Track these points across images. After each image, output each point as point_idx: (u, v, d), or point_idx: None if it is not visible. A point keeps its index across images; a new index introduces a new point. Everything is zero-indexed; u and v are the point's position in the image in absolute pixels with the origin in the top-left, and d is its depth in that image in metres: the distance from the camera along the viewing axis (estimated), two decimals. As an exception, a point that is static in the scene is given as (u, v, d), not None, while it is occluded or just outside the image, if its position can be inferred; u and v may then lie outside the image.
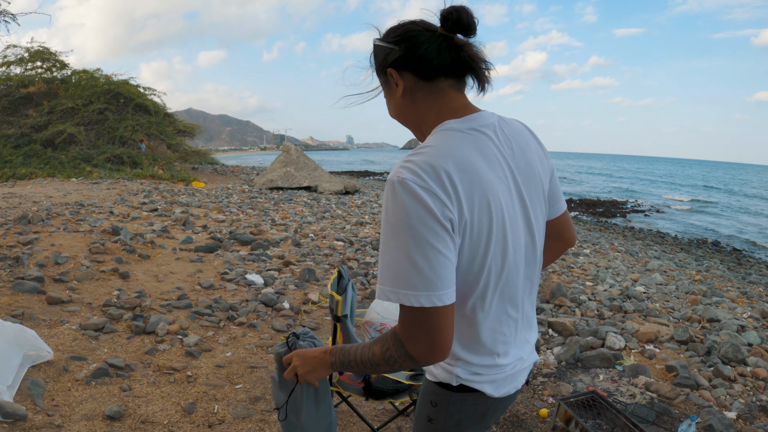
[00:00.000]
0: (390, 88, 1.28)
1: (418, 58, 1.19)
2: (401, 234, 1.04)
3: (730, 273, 11.57)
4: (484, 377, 1.26)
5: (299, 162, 18.48)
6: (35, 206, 8.03)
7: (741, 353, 4.16)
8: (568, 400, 3.09)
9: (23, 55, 21.29)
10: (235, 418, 2.89)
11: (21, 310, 3.80)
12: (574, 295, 5.74)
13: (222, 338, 3.92)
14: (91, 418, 2.70)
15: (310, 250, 6.94)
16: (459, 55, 1.19)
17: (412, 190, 1.03)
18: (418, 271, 1.04)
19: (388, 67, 1.23)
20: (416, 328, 1.08)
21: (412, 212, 1.03)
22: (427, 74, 1.21)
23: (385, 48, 1.23)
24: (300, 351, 1.41)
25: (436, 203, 1.04)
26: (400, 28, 1.23)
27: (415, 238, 1.03)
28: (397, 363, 1.15)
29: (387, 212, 1.07)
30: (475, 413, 1.31)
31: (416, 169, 1.06)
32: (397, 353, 1.13)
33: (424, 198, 1.03)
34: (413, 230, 1.03)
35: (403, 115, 1.31)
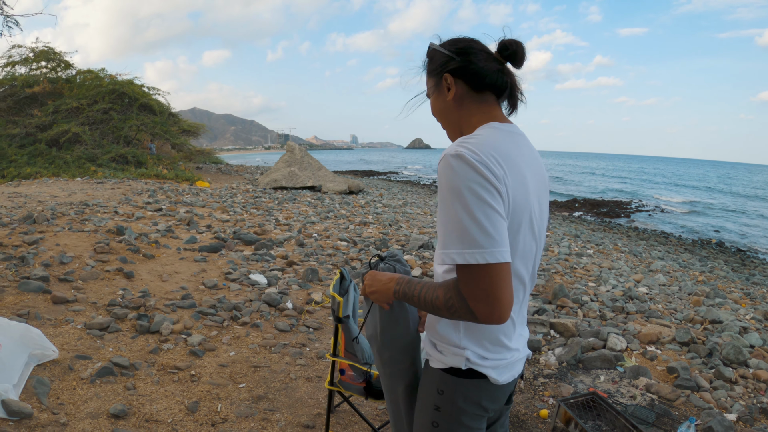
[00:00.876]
0: (440, 90, 1.44)
1: (474, 72, 1.38)
2: (463, 198, 1.16)
3: (734, 274, 11.55)
4: (489, 362, 1.37)
5: (303, 162, 18.51)
6: (40, 206, 8.08)
7: (742, 355, 4.16)
8: (568, 401, 3.11)
9: (28, 55, 21.36)
10: (238, 417, 2.91)
11: (26, 310, 3.83)
12: (576, 296, 5.75)
13: (225, 338, 3.95)
14: (95, 416, 2.73)
15: (314, 250, 6.97)
16: (506, 80, 1.40)
17: (469, 160, 1.17)
18: (481, 229, 1.15)
19: (445, 72, 1.40)
20: (479, 285, 1.16)
21: (472, 177, 1.16)
22: (478, 86, 1.39)
23: (446, 55, 1.40)
24: (374, 272, 1.53)
25: (489, 172, 1.18)
26: (463, 42, 1.41)
27: (477, 199, 1.15)
28: (457, 313, 1.22)
29: (447, 180, 1.19)
30: (479, 399, 1.40)
31: (470, 146, 1.21)
32: (459, 304, 1.21)
33: (479, 167, 1.17)
34: (474, 192, 1.16)
35: (446, 116, 1.46)
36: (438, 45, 1.44)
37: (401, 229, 9.67)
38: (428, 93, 1.50)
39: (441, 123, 1.50)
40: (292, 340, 4.06)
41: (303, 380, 3.44)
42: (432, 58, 1.46)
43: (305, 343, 4.05)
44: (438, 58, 1.42)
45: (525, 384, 3.66)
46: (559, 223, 17.26)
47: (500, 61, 1.40)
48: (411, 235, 8.46)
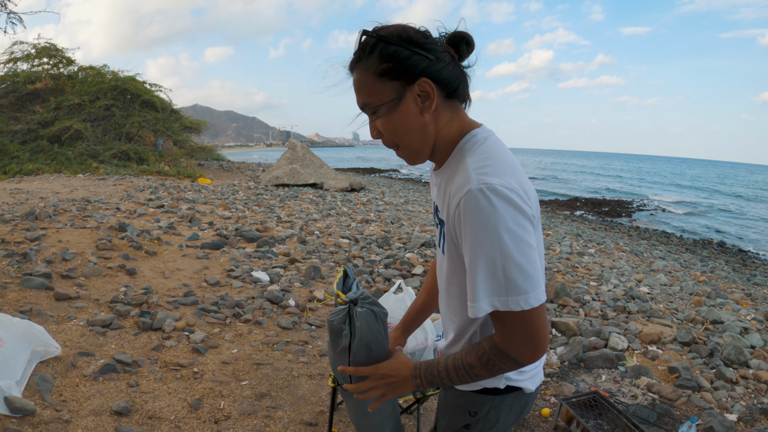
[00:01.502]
0: (404, 102, 1.15)
1: (448, 75, 1.17)
2: (503, 241, 1.03)
3: (735, 274, 11.54)
4: (526, 374, 1.33)
5: (305, 159, 18.51)
6: (42, 202, 8.08)
7: (743, 355, 4.17)
8: (570, 400, 3.11)
9: (30, 52, 21.36)
10: (241, 414, 2.92)
11: (29, 306, 3.84)
12: (578, 295, 5.75)
13: (228, 335, 3.96)
14: (98, 413, 2.73)
15: (316, 247, 6.97)
16: (461, 85, 1.21)
17: (506, 195, 1.04)
18: (523, 273, 1.04)
19: (422, 76, 1.14)
20: (522, 331, 1.08)
21: (510, 215, 1.03)
22: (452, 93, 1.20)
23: (413, 53, 1.13)
24: (379, 371, 1.36)
25: (524, 204, 1.06)
26: (428, 35, 1.16)
27: (517, 240, 1.03)
28: (499, 369, 1.15)
29: (482, 221, 1.04)
30: (513, 412, 1.37)
31: (498, 175, 1.07)
32: (500, 358, 1.13)
33: (517, 201, 1.05)
34: (514, 233, 1.03)
35: (417, 133, 1.19)
36: (384, 34, 1.13)
37: (403, 227, 9.67)
38: (374, 105, 1.17)
39: (401, 142, 1.21)
40: (295, 338, 4.06)
41: (306, 378, 3.44)
42: (387, 56, 1.13)
43: (308, 340, 4.06)
44: (401, 57, 1.12)
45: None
46: (561, 222, 17.26)
47: (453, 56, 1.19)
48: (413, 233, 8.46)
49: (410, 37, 1.13)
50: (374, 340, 1.44)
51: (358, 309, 1.45)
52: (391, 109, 1.15)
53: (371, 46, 1.14)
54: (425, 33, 1.16)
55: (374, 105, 1.17)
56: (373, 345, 1.43)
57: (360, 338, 1.42)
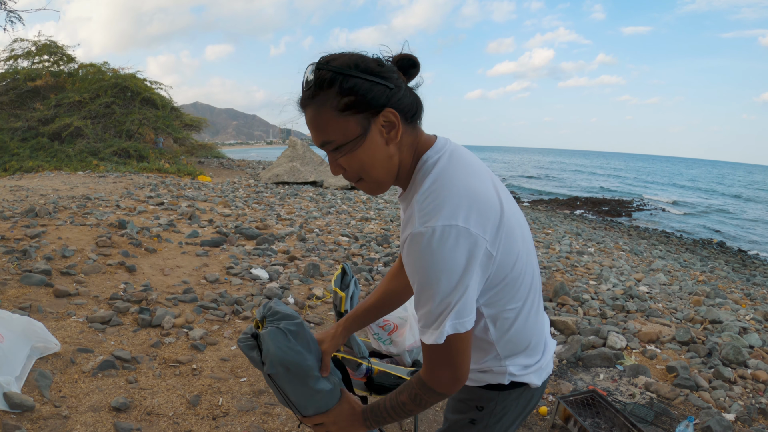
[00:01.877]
0: (370, 136, 1.11)
1: (407, 101, 1.15)
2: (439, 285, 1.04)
3: (735, 274, 11.55)
4: (531, 369, 1.34)
5: (305, 157, 18.52)
6: (42, 199, 8.09)
7: (742, 355, 4.17)
8: (567, 398, 3.12)
9: (30, 49, 21.38)
10: (239, 411, 2.93)
11: (28, 303, 3.85)
12: (577, 294, 5.76)
13: (227, 332, 3.97)
14: (97, 409, 2.74)
15: (315, 245, 6.98)
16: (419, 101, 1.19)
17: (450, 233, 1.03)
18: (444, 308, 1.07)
19: (387, 108, 1.10)
20: (441, 362, 1.13)
21: (451, 258, 1.03)
22: (411, 117, 1.17)
23: (377, 84, 1.09)
24: (329, 419, 1.38)
25: (470, 242, 1.04)
26: (369, 64, 1.10)
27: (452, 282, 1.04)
28: (426, 402, 1.20)
29: (421, 266, 1.05)
30: (519, 406, 1.38)
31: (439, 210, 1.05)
32: (424, 392, 1.18)
33: (460, 241, 1.03)
34: (451, 275, 1.04)
35: (383, 164, 1.16)
36: (354, 69, 1.08)
37: (402, 226, 9.67)
38: (338, 143, 1.11)
39: (367, 176, 1.16)
40: (293, 335, 4.06)
41: (304, 375, 3.45)
42: (348, 89, 1.07)
43: (306, 338, 4.06)
44: (363, 89, 1.07)
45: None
46: (561, 221, 17.27)
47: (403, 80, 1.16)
48: (412, 232, 8.46)
49: (368, 67, 1.09)
50: (290, 359, 1.34)
51: (262, 332, 1.36)
52: (356, 145, 1.10)
53: (329, 80, 1.07)
54: (379, 61, 1.12)
55: (338, 143, 1.11)
56: (290, 365, 1.34)
57: (272, 364, 1.33)
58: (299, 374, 1.35)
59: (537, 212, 20.57)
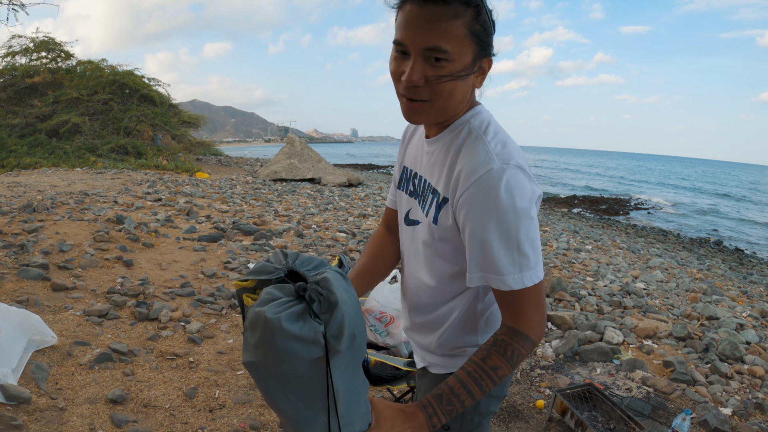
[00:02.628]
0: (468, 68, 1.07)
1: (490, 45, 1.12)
2: (520, 219, 1.03)
3: (732, 272, 11.57)
4: None
5: (303, 154, 18.50)
6: (40, 195, 8.08)
7: (739, 351, 4.19)
8: (564, 391, 3.13)
9: (28, 46, 21.31)
10: (236, 404, 2.93)
11: (26, 296, 3.84)
12: (574, 290, 5.77)
13: (224, 325, 3.97)
14: (94, 401, 2.74)
15: (313, 241, 6.98)
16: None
17: (524, 176, 1.06)
18: (534, 248, 1.07)
19: (490, 56, 1.11)
20: (542, 307, 1.10)
21: (527, 195, 1.05)
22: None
23: (488, 29, 1.07)
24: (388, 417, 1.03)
25: (532, 187, 1.08)
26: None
27: (530, 220, 1.05)
28: (519, 354, 1.09)
29: (504, 206, 1.02)
30: (497, 392, 1.34)
31: (518, 155, 1.09)
32: (519, 342, 1.08)
33: (531, 181, 1.08)
34: (528, 213, 1.05)
35: (460, 104, 1.14)
36: (488, 9, 1.06)
37: (400, 223, 9.68)
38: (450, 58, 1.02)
39: (442, 103, 1.09)
40: (291, 329, 4.07)
41: (301, 368, 3.45)
42: (483, 21, 1.04)
43: (303, 332, 4.06)
44: (489, 30, 1.06)
45: (522, 375, 3.68)
46: (558, 219, 17.27)
47: None
48: (410, 229, 8.47)
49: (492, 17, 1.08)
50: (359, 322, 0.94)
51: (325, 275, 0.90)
52: (462, 72, 1.06)
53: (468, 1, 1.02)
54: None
55: (449, 58, 1.03)
56: (357, 332, 0.93)
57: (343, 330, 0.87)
58: (360, 350, 0.97)
59: (535, 210, 20.57)
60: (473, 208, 1.06)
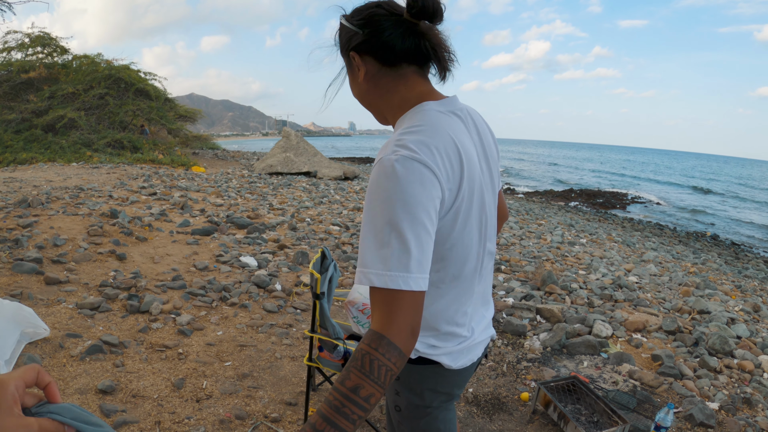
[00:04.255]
0: (353, 70, 1.24)
1: (381, 44, 1.16)
2: (395, 212, 0.97)
3: (727, 267, 11.60)
4: (441, 350, 1.26)
5: (299, 147, 18.50)
6: (35, 190, 8.09)
7: (729, 345, 4.20)
8: (548, 384, 3.15)
9: (24, 41, 21.26)
10: (223, 394, 2.97)
11: (20, 290, 3.87)
12: (565, 283, 5.79)
13: (214, 318, 4.00)
14: (84, 392, 2.78)
15: (306, 234, 7.01)
16: (422, 42, 1.16)
17: (411, 168, 0.99)
18: (409, 252, 0.97)
19: (350, 51, 1.20)
20: (400, 313, 0.97)
21: (409, 190, 0.98)
22: (389, 60, 1.18)
23: (349, 30, 1.19)
24: None
25: (432, 181, 1.01)
26: (365, 11, 1.17)
27: (410, 217, 0.98)
28: (383, 365, 0.94)
29: (379, 190, 0.99)
30: (436, 385, 1.32)
31: (412, 146, 1.02)
32: (384, 348, 0.95)
33: (422, 176, 1.00)
34: (409, 208, 0.98)
35: (364, 99, 1.27)
36: (343, 17, 1.22)
37: (395, 217, 9.70)
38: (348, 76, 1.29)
39: (365, 107, 1.30)
40: (280, 321, 4.11)
41: (288, 359, 3.49)
42: (341, 35, 1.24)
43: (292, 323, 4.10)
44: (344, 34, 1.22)
45: (507, 367, 3.71)
46: (555, 213, 17.31)
47: (412, 22, 1.14)
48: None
49: (350, 15, 1.21)
50: None
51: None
52: (347, 76, 1.30)
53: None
54: (367, 6, 1.19)
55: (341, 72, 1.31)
56: None
57: None
58: None
59: (531, 203, 20.61)
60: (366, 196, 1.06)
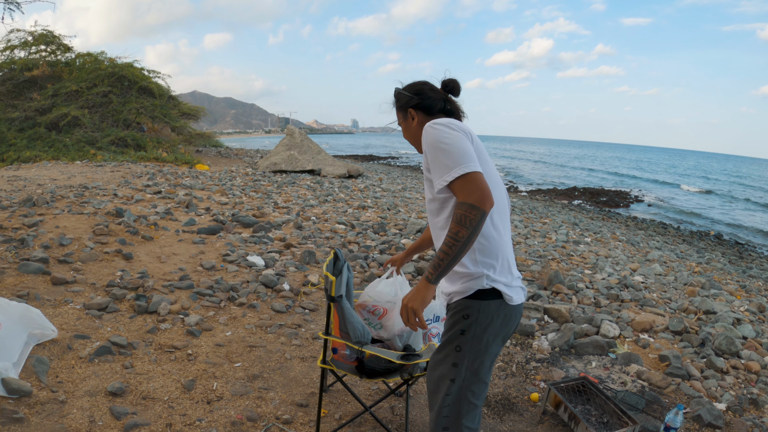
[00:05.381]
0: (407, 119, 2.08)
1: (427, 105, 2.03)
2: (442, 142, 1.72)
3: (731, 266, 11.57)
4: (502, 281, 1.80)
5: (303, 145, 18.48)
6: (40, 189, 8.09)
7: (735, 346, 4.20)
8: (558, 384, 3.15)
9: (27, 39, 21.23)
10: (233, 395, 2.97)
11: (26, 291, 3.87)
12: (571, 283, 5.78)
13: (222, 318, 4.00)
14: (93, 394, 2.78)
15: (312, 233, 7.00)
16: (449, 107, 2.06)
17: (439, 123, 1.79)
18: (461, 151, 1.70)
19: (409, 108, 2.05)
20: (473, 185, 1.64)
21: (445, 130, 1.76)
22: (431, 113, 2.04)
23: (408, 96, 2.04)
24: (407, 301, 1.73)
25: (456, 126, 1.79)
26: (417, 85, 2.06)
27: (451, 137, 1.73)
28: (468, 219, 1.61)
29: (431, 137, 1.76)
30: (498, 318, 1.80)
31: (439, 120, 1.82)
32: (466, 209, 1.62)
33: (450, 124, 1.79)
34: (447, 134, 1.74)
35: (414, 136, 2.08)
36: (401, 89, 2.07)
37: (399, 213, 9.70)
38: (399, 122, 2.12)
39: (409, 141, 2.11)
40: (288, 321, 4.11)
41: (298, 360, 3.49)
42: (398, 98, 2.09)
43: (301, 324, 4.10)
44: (403, 98, 2.06)
45: (517, 368, 3.71)
46: (558, 211, 17.28)
47: (444, 94, 2.05)
48: (409, 220, 8.49)
49: (410, 88, 2.07)
50: None
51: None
52: (401, 123, 2.13)
53: (395, 95, 2.12)
54: (422, 83, 2.07)
55: (398, 122, 2.15)
56: None
57: None
58: None
59: (535, 202, 20.57)
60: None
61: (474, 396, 1.86)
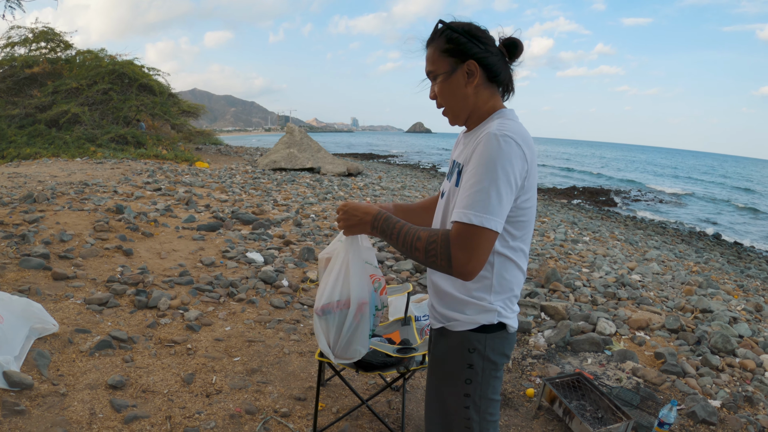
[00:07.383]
0: (457, 74, 1.51)
1: (492, 64, 1.50)
2: (497, 173, 1.33)
3: (729, 266, 11.58)
4: (510, 313, 1.57)
5: (303, 143, 18.51)
6: (40, 186, 8.12)
7: (731, 344, 4.23)
8: (553, 380, 3.18)
9: (27, 36, 21.25)
10: (232, 389, 3.00)
11: (27, 286, 3.91)
12: (569, 281, 5.82)
13: (222, 313, 4.03)
14: (94, 387, 2.81)
15: (311, 230, 7.04)
16: (510, 75, 1.57)
17: (514, 143, 1.35)
18: (499, 201, 1.34)
19: (471, 59, 1.48)
20: (470, 242, 1.33)
21: (512, 160, 1.35)
22: (492, 78, 1.52)
23: (470, 42, 1.48)
24: (350, 205, 1.59)
25: (522, 158, 1.37)
26: (482, 32, 1.52)
27: (507, 178, 1.34)
28: (435, 258, 1.37)
29: (491, 154, 1.34)
30: (503, 348, 1.58)
31: (515, 132, 1.38)
32: (441, 250, 1.35)
33: (518, 151, 1.36)
34: (507, 172, 1.34)
35: (459, 100, 1.54)
36: (456, 28, 1.49)
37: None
38: (435, 73, 1.54)
39: (447, 105, 1.56)
40: (287, 317, 4.14)
41: (296, 355, 3.52)
42: (450, 39, 1.49)
43: (299, 319, 4.13)
44: (460, 42, 1.48)
45: (513, 364, 3.74)
46: (557, 210, 17.30)
47: (504, 55, 1.53)
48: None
49: (470, 30, 1.49)
50: None
51: None
52: (445, 78, 1.51)
53: (441, 31, 1.51)
54: (484, 30, 1.52)
55: (435, 73, 1.53)
56: None
57: None
58: None
59: (534, 201, 20.55)
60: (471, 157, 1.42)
61: (492, 416, 1.64)
